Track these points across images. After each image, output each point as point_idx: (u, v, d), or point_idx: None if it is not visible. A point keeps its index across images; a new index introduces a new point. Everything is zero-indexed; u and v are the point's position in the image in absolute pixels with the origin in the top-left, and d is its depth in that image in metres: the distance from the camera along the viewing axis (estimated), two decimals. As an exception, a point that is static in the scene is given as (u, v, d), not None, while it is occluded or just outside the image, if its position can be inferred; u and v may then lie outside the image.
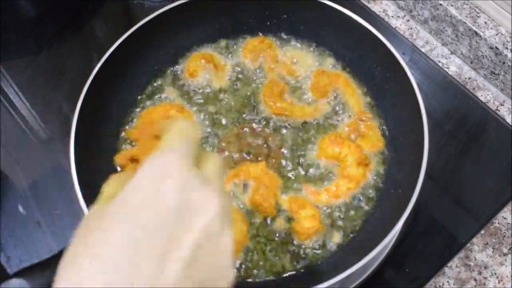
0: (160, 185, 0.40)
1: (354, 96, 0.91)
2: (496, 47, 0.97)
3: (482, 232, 0.88)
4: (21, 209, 0.91)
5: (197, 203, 0.40)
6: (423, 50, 1.07)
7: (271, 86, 0.91)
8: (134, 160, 0.65)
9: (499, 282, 0.84)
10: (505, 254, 0.86)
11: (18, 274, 0.71)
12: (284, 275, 0.78)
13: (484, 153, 0.95)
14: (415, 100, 0.80)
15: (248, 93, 0.92)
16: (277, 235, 0.80)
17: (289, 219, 0.81)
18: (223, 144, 0.88)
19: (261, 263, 0.78)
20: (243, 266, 0.78)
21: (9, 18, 1.13)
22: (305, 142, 0.87)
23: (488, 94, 1.03)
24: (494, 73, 1.01)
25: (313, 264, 0.78)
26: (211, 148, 0.88)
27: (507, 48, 0.96)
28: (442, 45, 1.09)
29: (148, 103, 0.92)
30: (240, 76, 0.94)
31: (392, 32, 1.08)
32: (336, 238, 0.80)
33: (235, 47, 0.97)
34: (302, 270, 0.78)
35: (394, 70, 0.84)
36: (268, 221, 0.81)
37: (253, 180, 0.83)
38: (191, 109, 0.91)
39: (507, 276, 0.85)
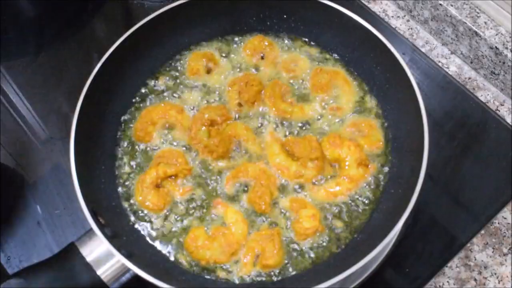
0: None
1: (349, 94, 0.91)
2: (496, 47, 0.97)
3: (482, 232, 0.88)
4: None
5: None
6: (423, 50, 1.07)
7: (273, 87, 0.91)
8: None
9: (499, 282, 0.84)
10: (505, 254, 0.86)
11: (18, 274, 0.71)
12: (284, 275, 0.78)
13: (484, 153, 0.95)
14: (415, 100, 0.80)
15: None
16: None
17: (289, 219, 0.81)
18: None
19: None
20: (242, 266, 0.78)
21: (9, 18, 1.13)
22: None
23: (488, 94, 1.03)
24: (494, 73, 1.01)
25: (314, 264, 0.78)
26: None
27: (507, 48, 0.96)
28: (442, 45, 1.09)
29: (148, 102, 0.92)
30: (240, 75, 0.94)
31: (392, 32, 1.08)
32: (336, 238, 0.80)
33: (235, 46, 0.97)
34: (303, 270, 0.78)
35: (394, 70, 0.84)
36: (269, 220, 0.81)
37: (252, 179, 0.83)
38: (191, 110, 0.91)
39: (507, 276, 0.85)
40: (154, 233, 0.81)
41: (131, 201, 0.84)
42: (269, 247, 0.77)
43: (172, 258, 0.80)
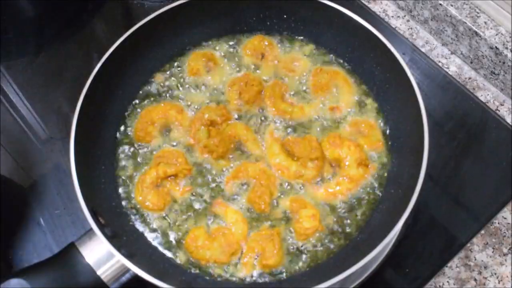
0: None
1: (349, 94, 0.91)
2: (496, 47, 0.97)
3: (482, 232, 0.88)
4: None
5: None
6: (423, 50, 1.07)
7: (273, 87, 0.91)
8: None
9: (499, 282, 0.84)
10: (505, 254, 0.86)
11: (18, 274, 0.71)
12: (284, 275, 0.78)
13: (484, 153, 0.95)
14: (415, 100, 0.80)
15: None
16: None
17: (289, 219, 0.81)
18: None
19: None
20: (242, 266, 0.78)
21: (9, 18, 1.13)
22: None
23: (488, 94, 1.03)
24: (494, 73, 1.01)
25: (313, 264, 0.78)
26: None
27: (507, 48, 0.96)
28: (442, 45, 1.09)
29: (148, 102, 0.92)
30: (240, 75, 0.94)
31: (392, 32, 1.08)
32: (336, 238, 0.80)
33: (235, 46, 0.97)
34: (303, 270, 0.78)
35: (394, 70, 0.84)
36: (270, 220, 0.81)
37: (252, 179, 0.83)
38: (191, 110, 0.91)
39: (507, 276, 0.85)
40: (154, 233, 0.81)
41: (131, 201, 0.84)
42: (269, 247, 0.77)
43: (172, 258, 0.80)
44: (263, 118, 0.90)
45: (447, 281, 0.85)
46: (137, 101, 0.93)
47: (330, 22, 0.91)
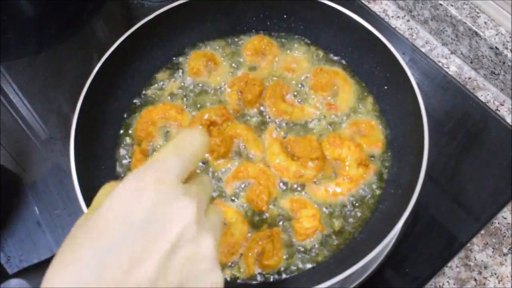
0: (136, 198, 0.42)
1: (349, 94, 0.91)
2: (496, 47, 0.97)
3: (482, 232, 0.88)
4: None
5: (172, 213, 0.42)
6: (423, 50, 1.07)
7: (273, 87, 0.91)
8: None
9: (499, 282, 0.84)
10: (505, 254, 0.86)
11: (18, 274, 0.71)
12: (284, 275, 0.78)
13: (484, 153, 0.95)
14: (415, 100, 0.80)
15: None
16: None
17: (289, 219, 0.81)
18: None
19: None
20: (242, 266, 0.78)
21: (9, 18, 1.13)
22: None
23: (488, 94, 1.03)
24: (494, 73, 1.01)
25: (313, 264, 0.78)
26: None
27: (507, 48, 0.96)
28: (442, 45, 1.09)
29: (148, 102, 0.92)
30: (240, 75, 0.94)
31: (392, 32, 1.08)
32: (336, 238, 0.80)
33: (235, 46, 0.98)
34: (302, 270, 0.78)
35: (394, 70, 0.84)
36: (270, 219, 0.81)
37: (252, 179, 0.83)
38: (191, 110, 0.91)
39: (507, 276, 0.85)
40: (154, 233, 0.81)
41: (131, 201, 0.84)
42: (269, 247, 0.77)
43: (172, 258, 0.79)
44: (263, 118, 0.90)
45: (447, 281, 0.85)
46: (137, 101, 0.93)
47: (330, 22, 0.91)
